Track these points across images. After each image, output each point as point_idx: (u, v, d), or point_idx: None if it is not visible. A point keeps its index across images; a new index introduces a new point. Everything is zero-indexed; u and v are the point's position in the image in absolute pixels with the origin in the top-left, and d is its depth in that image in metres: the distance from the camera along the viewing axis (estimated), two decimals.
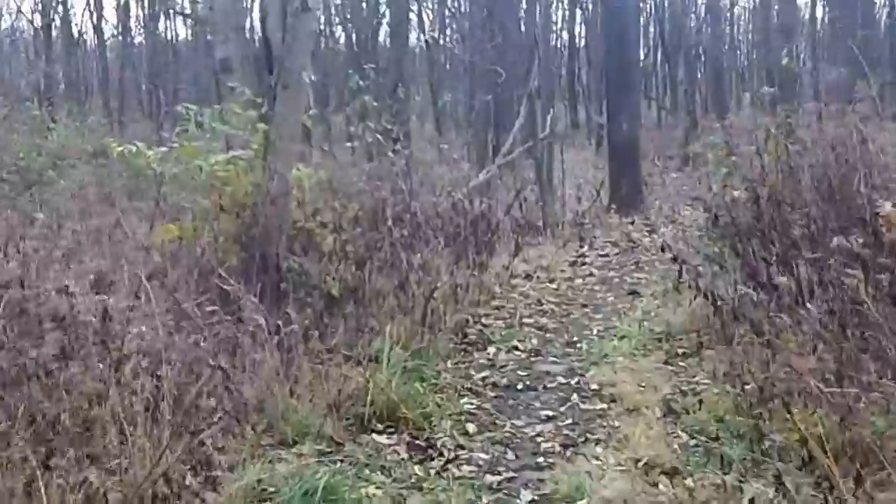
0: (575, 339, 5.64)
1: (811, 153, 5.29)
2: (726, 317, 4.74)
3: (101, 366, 3.11)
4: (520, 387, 4.71)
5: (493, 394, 4.61)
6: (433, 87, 20.90)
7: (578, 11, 25.33)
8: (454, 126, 17.95)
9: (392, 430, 3.99)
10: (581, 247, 8.93)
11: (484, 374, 4.90)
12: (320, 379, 4.14)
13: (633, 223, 10.48)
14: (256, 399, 3.79)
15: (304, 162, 5.64)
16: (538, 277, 7.58)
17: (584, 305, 6.67)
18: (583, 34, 26.02)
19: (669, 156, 18.81)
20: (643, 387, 4.48)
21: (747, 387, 3.66)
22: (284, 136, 4.93)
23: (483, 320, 5.99)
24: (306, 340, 4.25)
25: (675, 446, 3.64)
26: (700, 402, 3.93)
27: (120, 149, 4.98)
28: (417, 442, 3.88)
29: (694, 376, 4.55)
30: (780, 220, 4.39)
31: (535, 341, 5.58)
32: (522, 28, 13.44)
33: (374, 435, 3.92)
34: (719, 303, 4.83)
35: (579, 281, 7.64)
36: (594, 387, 4.59)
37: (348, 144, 6.63)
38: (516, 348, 5.42)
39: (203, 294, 4.47)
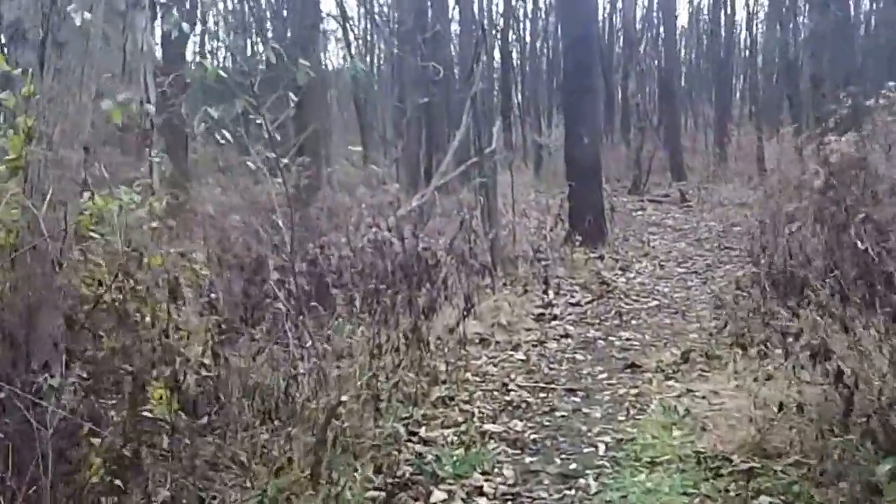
0: (573, 465, 3.50)
1: None
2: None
3: None
4: None
5: None
6: (358, 102, 18.69)
7: (511, 33, 23.47)
8: (382, 143, 15.69)
9: None
10: (545, 293, 6.85)
11: None
12: None
13: (601, 259, 8.50)
14: None
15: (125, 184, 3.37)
16: (498, 343, 5.45)
17: (571, 391, 4.56)
18: (517, 49, 24.30)
19: (617, 178, 17.20)
20: None
21: None
22: (57, 135, 2.67)
23: (423, 431, 3.79)
24: None
25: None
26: None
27: None
28: None
29: None
30: None
31: (509, 473, 3.42)
32: (457, 26, 11.42)
33: None
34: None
35: (553, 346, 5.55)
36: None
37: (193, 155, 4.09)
38: (480, 491, 3.24)
39: None
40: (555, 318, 6.29)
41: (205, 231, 3.98)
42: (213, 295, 3.28)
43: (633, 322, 6.21)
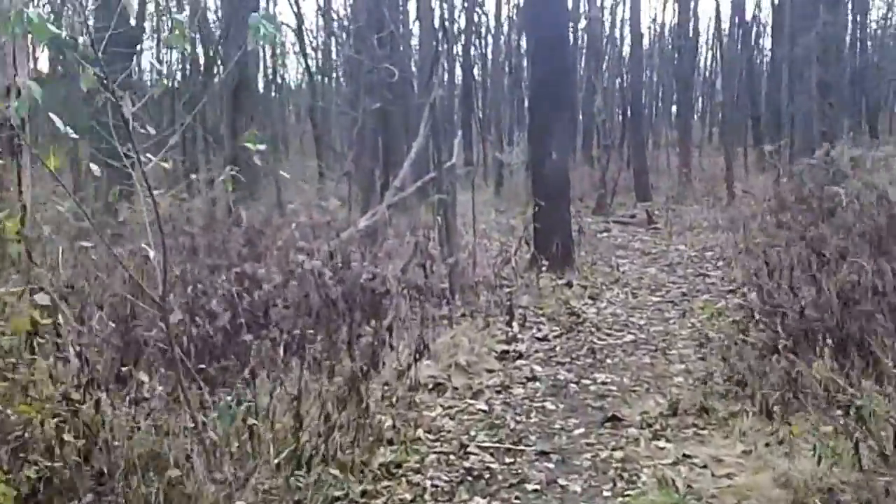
0: None
1: None
2: None
3: None
4: None
5: None
6: (314, 114, 17.82)
7: (473, 49, 22.80)
8: (337, 156, 14.85)
9: None
10: (509, 325, 6.10)
11: None
12: None
13: (569, 285, 7.78)
14: None
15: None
16: (455, 389, 4.66)
17: (543, 454, 3.80)
18: (479, 66, 23.75)
19: (580, 198, 16.62)
20: None
21: None
22: None
23: None
24: None
25: None
26: None
27: None
28: None
29: None
30: None
31: None
32: (417, 41, 10.68)
33: None
34: None
35: (519, 391, 4.79)
36: None
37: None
38: None
39: None
40: (520, 355, 5.54)
41: (77, 262, 3.14)
42: (76, 347, 2.46)
43: (609, 361, 5.49)
